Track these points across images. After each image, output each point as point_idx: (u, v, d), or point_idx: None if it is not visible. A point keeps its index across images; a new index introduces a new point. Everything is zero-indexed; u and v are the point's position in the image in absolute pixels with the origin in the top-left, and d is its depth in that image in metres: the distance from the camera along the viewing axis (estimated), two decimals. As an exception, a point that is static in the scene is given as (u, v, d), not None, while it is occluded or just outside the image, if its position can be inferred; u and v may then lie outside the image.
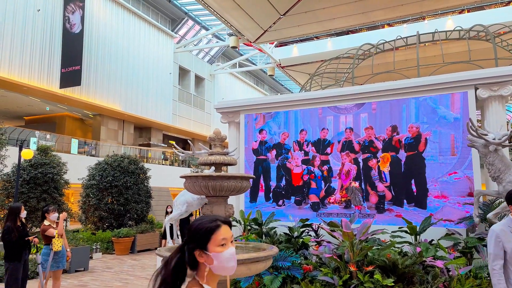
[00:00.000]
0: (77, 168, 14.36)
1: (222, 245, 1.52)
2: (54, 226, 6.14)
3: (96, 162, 13.70)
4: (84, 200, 12.98)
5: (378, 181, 7.65)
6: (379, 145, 7.74)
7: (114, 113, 24.89)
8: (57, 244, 5.93)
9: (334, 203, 7.96)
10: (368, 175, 7.76)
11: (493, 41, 13.34)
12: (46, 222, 6.14)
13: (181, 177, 4.28)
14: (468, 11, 20.99)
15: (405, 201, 7.33)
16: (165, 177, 20.86)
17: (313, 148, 8.42)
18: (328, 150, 8.26)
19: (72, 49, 21.47)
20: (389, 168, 7.61)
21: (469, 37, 14.64)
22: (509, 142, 5.62)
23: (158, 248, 4.09)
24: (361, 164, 7.88)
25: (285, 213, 8.28)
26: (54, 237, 5.95)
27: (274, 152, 8.75)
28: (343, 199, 7.92)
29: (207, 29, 31.57)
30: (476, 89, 6.92)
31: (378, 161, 7.68)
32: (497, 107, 6.82)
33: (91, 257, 10.34)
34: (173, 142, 14.75)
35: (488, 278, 5.38)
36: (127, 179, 12.91)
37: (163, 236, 10.20)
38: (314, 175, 8.35)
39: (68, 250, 6.33)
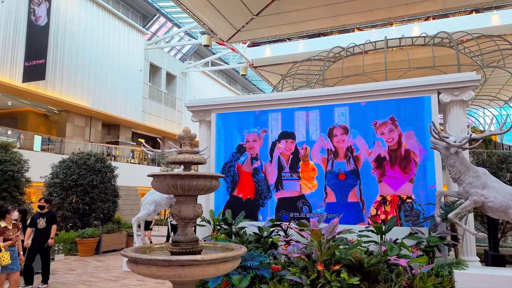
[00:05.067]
0: (40, 165, 13.69)
1: None
2: (10, 227, 5.82)
3: (60, 159, 13.13)
4: (46, 199, 12.41)
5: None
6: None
7: (81, 109, 23.97)
8: (5, 257, 5.59)
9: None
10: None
11: (456, 48, 14.02)
12: (2, 224, 5.80)
13: (149, 175, 4.15)
14: (433, 19, 21.92)
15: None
16: (133, 176, 20.34)
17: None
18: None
19: (36, 42, 20.53)
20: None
21: (433, 43, 15.31)
22: (469, 145, 5.90)
23: (123, 249, 3.95)
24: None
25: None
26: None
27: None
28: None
29: (179, 27, 31.09)
30: (438, 93, 7.21)
31: None
32: (458, 111, 7.14)
33: (52, 259, 9.89)
34: (143, 140, 14.41)
35: (449, 276, 5.62)
36: (93, 177, 12.47)
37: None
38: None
39: (21, 253, 6.04)
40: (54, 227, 7.71)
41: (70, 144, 21.71)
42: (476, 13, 20.74)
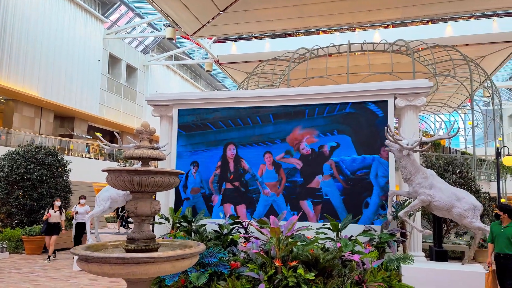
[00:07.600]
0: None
1: None
2: None
3: (5, 152, 12.23)
4: (-11, 194, 11.51)
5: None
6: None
7: (30, 99, 22.45)
8: None
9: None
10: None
11: (412, 56, 14.79)
12: None
13: (103, 170, 3.99)
14: (393, 26, 23.00)
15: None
16: (89, 171, 19.43)
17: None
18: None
19: (-19, 23, 18.95)
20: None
21: (392, 50, 16.04)
22: (419, 148, 6.25)
23: (74, 247, 3.77)
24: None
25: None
26: None
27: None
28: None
29: (141, 17, 30.07)
30: (395, 98, 7.56)
31: None
32: (411, 115, 7.53)
33: (-5, 258, 9.23)
34: (99, 134, 13.76)
35: (397, 270, 5.93)
36: (42, 171, 11.74)
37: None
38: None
39: None
40: None
41: (18, 136, 20.31)
42: (432, 23, 22.02)
